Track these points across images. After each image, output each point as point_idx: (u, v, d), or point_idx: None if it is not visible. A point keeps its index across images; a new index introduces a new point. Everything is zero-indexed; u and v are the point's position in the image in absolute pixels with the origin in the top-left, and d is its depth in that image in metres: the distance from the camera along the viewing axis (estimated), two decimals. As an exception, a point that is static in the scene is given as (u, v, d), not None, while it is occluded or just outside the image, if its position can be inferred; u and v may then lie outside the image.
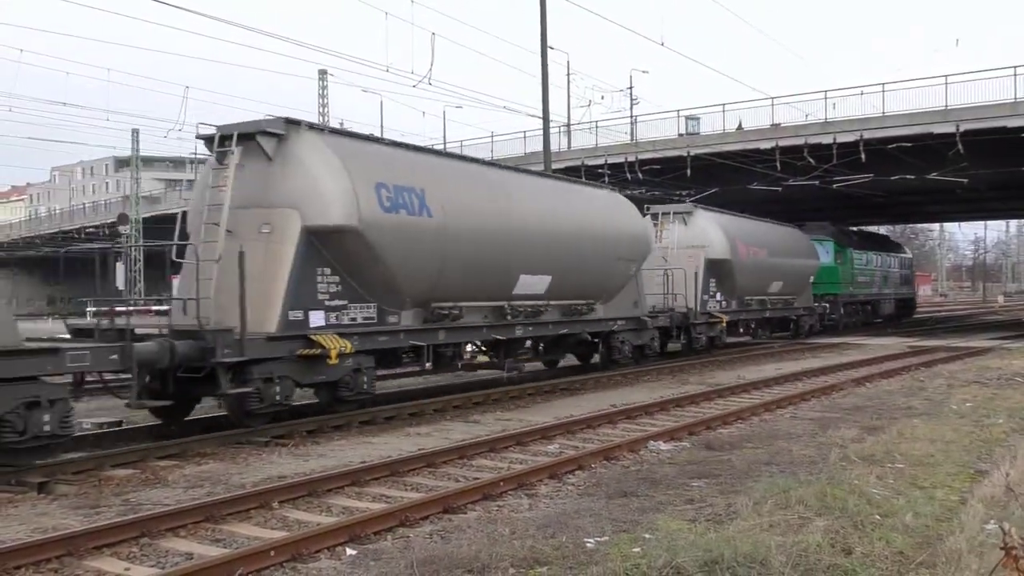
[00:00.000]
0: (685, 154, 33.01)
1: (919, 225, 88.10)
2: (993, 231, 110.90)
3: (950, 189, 34.93)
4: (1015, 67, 28.59)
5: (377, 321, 13.24)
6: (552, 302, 17.09)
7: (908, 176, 32.13)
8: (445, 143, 45.41)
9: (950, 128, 27.71)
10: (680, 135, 35.54)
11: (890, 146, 29.41)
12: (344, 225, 12.18)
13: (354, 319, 12.83)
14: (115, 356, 10.12)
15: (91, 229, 62.51)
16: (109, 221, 58.65)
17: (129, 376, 10.44)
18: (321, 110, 47.11)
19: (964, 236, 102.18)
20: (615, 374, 19.03)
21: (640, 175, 33.78)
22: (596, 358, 20.33)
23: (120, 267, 47.13)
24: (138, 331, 11.12)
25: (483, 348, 16.91)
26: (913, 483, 8.30)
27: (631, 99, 49.97)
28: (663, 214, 25.41)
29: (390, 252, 12.85)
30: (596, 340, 19.54)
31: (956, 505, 7.44)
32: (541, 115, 26.97)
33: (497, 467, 9.85)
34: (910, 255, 52.96)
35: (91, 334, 10.99)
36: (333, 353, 12.02)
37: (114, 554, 6.69)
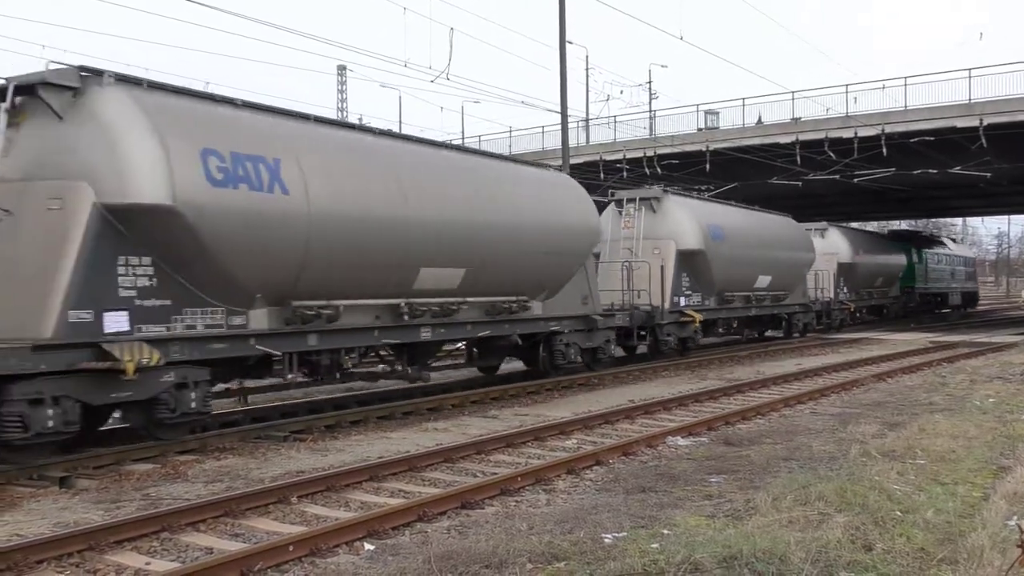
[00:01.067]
0: (704, 149, 32.88)
1: (941, 220, 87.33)
2: (1017, 225, 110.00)
3: (973, 183, 34.60)
4: (1039, 60, 28.31)
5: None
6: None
7: (930, 170, 31.89)
8: (463, 138, 45.44)
9: (973, 122, 27.47)
10: (699, 129, 35.42)
11: (912, 140, 29.17)
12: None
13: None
14: None
15: None
16: None
17: None
18: (340, 105, 47.25)
19: (987, 231, 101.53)
20: (633, 369, 18.97)
21: (659, 170, 33.69)
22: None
23: None
24: None
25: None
26: (935, 479, 8.24)
27: (650, 94, 49.87)
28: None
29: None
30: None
31: (978, 501, 7.37)
32: (559, 110, 26.94)
33: (515, 462, 9.84)
34: (973, 255, 63.23)
35: None
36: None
37: (134, 548, 6.73)
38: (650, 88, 50.50)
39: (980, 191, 39.01)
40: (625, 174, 31.50)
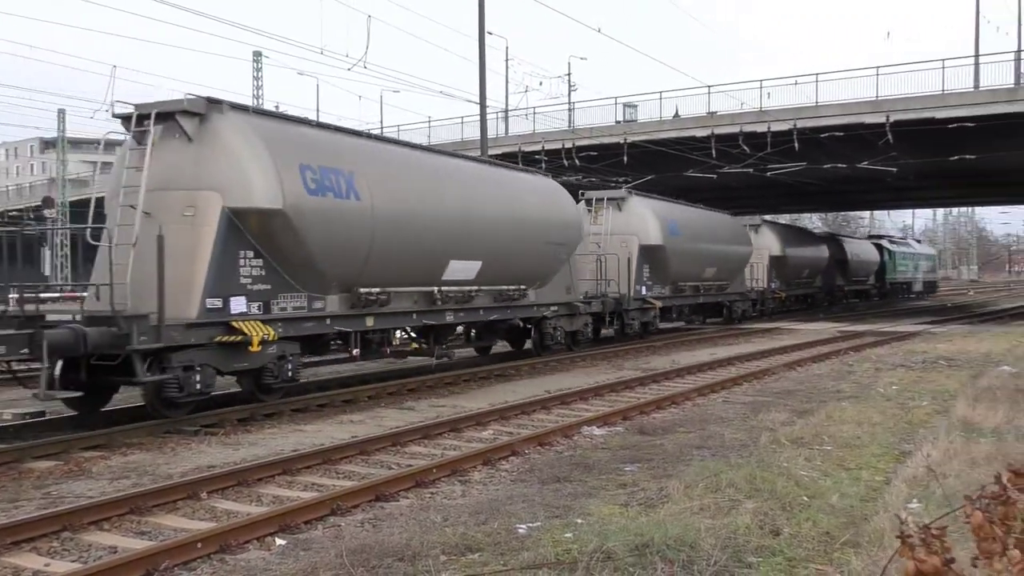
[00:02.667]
0: (622, 141, 33.19)
1: (851, 213, 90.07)
2: (921, 219, 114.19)
3: (880, 178, 35.74)
4: (943, 60, 29.43)
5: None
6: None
7: (840, 165, 32.80)
8: (382, 127, 45.01)
9: (880, 118, 28.33)
10: (617, 122, 35.71)
11: (823, 135, 29.95)
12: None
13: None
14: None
15: (14, 212, 60.60)
16: (34, 204, 56.94)
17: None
18: (256, 92, 46.32)
19: (893, 224, 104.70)
20: (550, 359, 19.10)
21: (577, 161, 33.88)
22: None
23: (46, 252, 45.81)
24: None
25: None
26: (840, 465, 8.47)
27: (569, 86, 50.05)
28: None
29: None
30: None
31: (881, 486, 7.60)
32: (478, 101, 26.87)
33: (431, 454, 9.80)
34: (934, 252, 79.57)
35: None
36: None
37: (33, 549, 6.48)
38: (569, 80, 50.69)
39: (887, 185, 40.33)
40: (544, 165, 31.56)
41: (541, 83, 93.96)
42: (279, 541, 6.62)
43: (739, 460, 8.51)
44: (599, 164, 34.24)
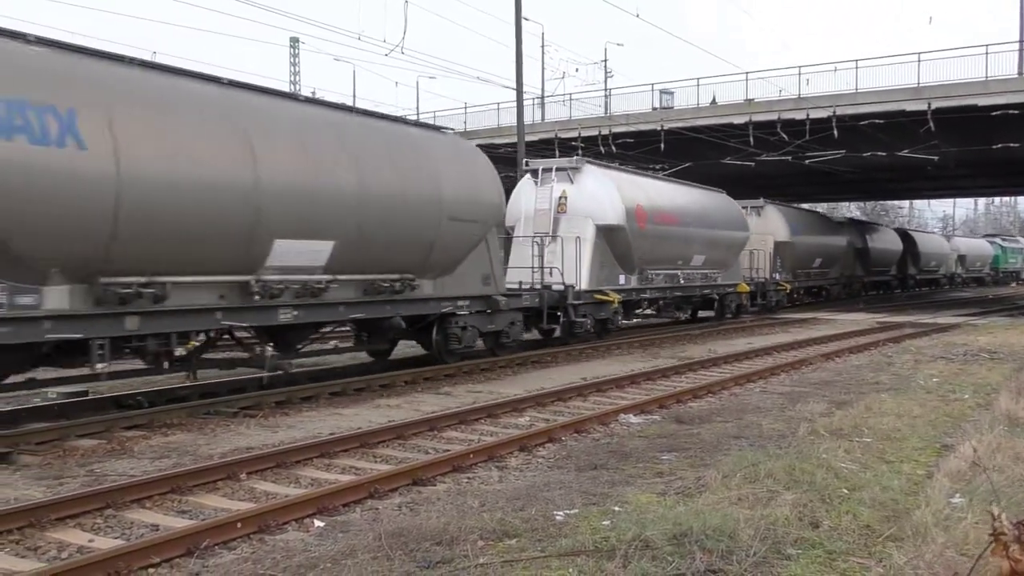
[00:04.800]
0: (659, 128, 33.00)
1: (889, 202, 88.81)
2: (961, 208, 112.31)
3: (920, 166, 35.25)
4: (987, 46, 28.89)
5: None
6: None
7: (879, 153, 32.40)
8: (418, 113, 45.06)
9: (922, 106, 27.90)
10: (654, 109, 35.50)
11: (862, 123, 29.57)
12: None
13: None
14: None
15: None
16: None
17: None
18: (293, 78, 46.55)
19: (933, 214, 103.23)
20: (586, 347, 19.04)
21: (614, 148, 33.77)
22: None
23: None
24: None
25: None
26: (880, 457, 8.37)
27: (606, 72, 49.82)
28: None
29: None
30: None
31: (922, 479, 7.51)
32: (515, 87, 26.80)
33: (467, 439, 9.82)
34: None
35: None
36: None
37: (78, 525, 6.60)
38: (605, 66, 50.48)
39: (927, 174, 39.79)
40: (580, 152, 31.45)
41: (577, 69, 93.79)
42: (317, 523, 6.67)
43: (777, 451, 8.44)
44: (635, 151, 34.09)
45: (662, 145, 32.89)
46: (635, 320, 25.34)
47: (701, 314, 28.10)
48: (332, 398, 12.53)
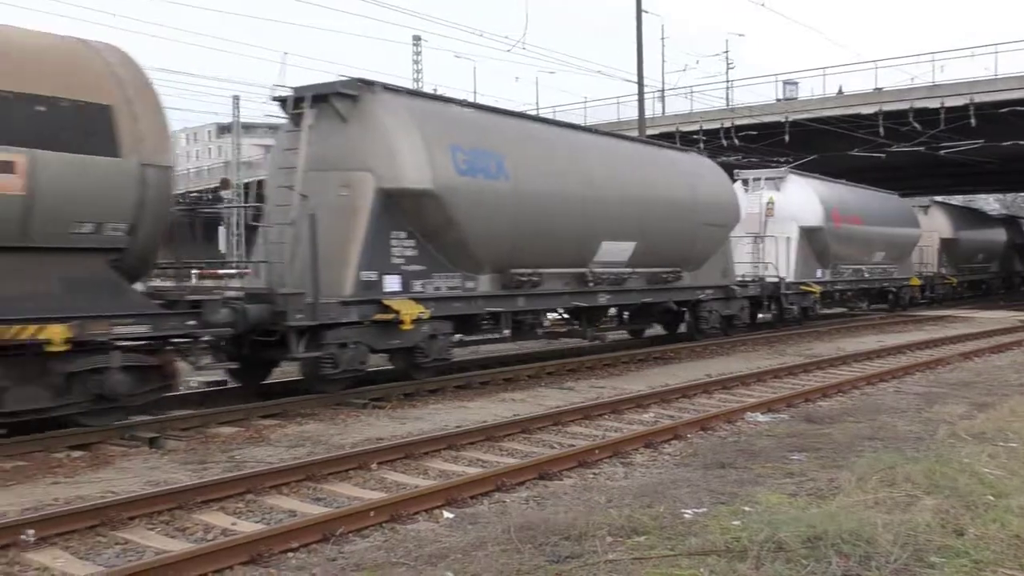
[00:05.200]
0: (783, 119, 32.15)
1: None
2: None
3: (1069, 156, 33.24)
4: None
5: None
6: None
7: (1022, 142, 30.69)
8: (538, 108, 45.24)
9: (1071, 90, 26.34)
10: (778, 100, 34.67)
11: (1003, 110, 28.09)
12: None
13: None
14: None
15: (195, 193, 64.43)
16: (212, 186, 60.36)
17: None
18: (416, 76, 47.39)
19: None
20: (710, 343, 18.76)
21: (736, 141, 33.07)
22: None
23: (222, 231, 48.32)
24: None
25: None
26: (1028, 463, 7.95)
27: (727, 63, 48.96)
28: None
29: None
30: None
31: (1075, 488, 7.09)
32: (635, 80, 26.60)
33: (592, 435, 9.82)
34: None
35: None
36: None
37: (221, 509, 6.90)
38: (727, 58, 49.59)
39: (1076, 164, 37.49)
40: (702, 145, 30.96)
41: (698, 62, 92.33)
42: (447, 514, 6.79)
43: (915, 454, 8.13)
44: (758, 144, 33.30)
45: (786, 137, 32.03)
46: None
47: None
48: (458, 391, 12.73)
